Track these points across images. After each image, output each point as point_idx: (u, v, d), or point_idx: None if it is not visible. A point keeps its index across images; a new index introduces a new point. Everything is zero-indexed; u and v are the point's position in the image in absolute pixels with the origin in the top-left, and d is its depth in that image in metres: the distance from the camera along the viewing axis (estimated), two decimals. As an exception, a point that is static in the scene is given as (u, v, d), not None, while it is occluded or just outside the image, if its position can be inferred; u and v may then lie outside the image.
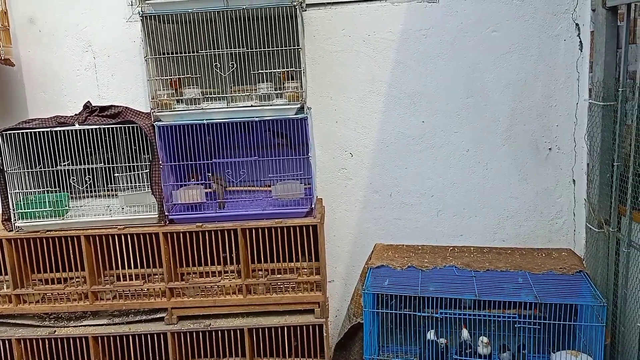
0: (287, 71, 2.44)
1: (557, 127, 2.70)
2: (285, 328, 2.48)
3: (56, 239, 2.48)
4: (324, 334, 2.49)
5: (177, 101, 2.48)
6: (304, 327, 2.48)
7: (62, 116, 2.54)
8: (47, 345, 2.51)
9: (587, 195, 2.60)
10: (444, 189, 2.79)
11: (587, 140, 2.55)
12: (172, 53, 2.45)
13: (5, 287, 2.53)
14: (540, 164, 2.74)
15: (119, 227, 2.47)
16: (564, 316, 2.27)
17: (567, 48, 2.63)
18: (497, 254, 2.64)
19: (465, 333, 2.36)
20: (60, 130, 2.46)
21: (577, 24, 2.61)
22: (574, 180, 2.73)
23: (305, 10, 2.64)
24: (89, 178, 2.58)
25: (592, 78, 2.51)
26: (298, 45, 2.40)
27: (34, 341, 2.51)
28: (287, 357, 2.54)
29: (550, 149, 2.72)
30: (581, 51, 2.62)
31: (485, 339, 2.31)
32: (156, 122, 2.43)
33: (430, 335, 2.37)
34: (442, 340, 2.38)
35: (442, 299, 2.28)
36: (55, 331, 2.51)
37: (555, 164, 2.73)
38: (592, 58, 2.51)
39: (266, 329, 2.49)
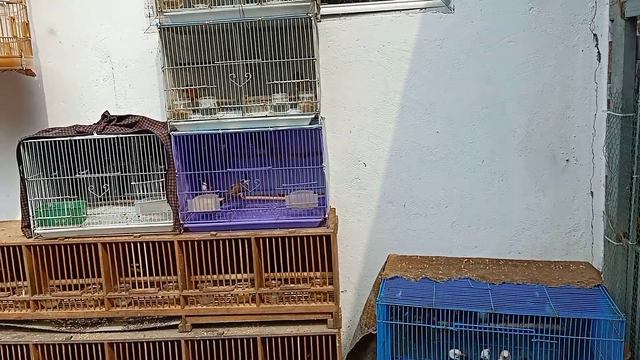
0: (302, 82, 2.45)
1: (575, 138, 2.66)
2: (298, 338, 2.48)
3: (74, 245, 2.52)
4: (337, 345, 2.48)
5: (193, 111, 2.51)
6: (317, 337, 2.48)
7: (81, 125, 2.59)
8: (63, 351, 2.55)
9: (606, 208, 2.55)
10: (459, 200, 2.77)
11: (606, 152, 2.51)
12: (188, 64, 2.49)
13: (23, 292, 2.58)
14: (557, 176, 2.70)
15: (134, 235, 2.50)
16: (581, 331, 2.22)
17: (584, 59, 2.60)
18: (513, 267, 2.61)
19: (485, 353, 2.33)
20: (79, 139, 2.51)
21: (595, 35, 2.58)
22: (592, 192, 2.69)
23: (320, 21, 2.65)
24: (107, 186, 2.62)
25: (610, 89, 2.47)
26: (313, 56, 2.41)
27: (51, 346, 2.55)
28: (299, 367, 2.54)
29: (567, 160, 2.69)
30: (599, 62, 2.59)
31: (506, 353, 2.27)
32: (172, 132, 2.46)
33: (453, 354, 2.34)
34: (457, 352, 2.35)
35: (457, 312, 2.25)
36: (71, 337, 2.54)
37: (573, 175, 2.69)
38: (610, 69, 2.48)
39: (279, 339, 2.49)
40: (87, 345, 2.54)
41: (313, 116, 2.43)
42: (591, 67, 2.60)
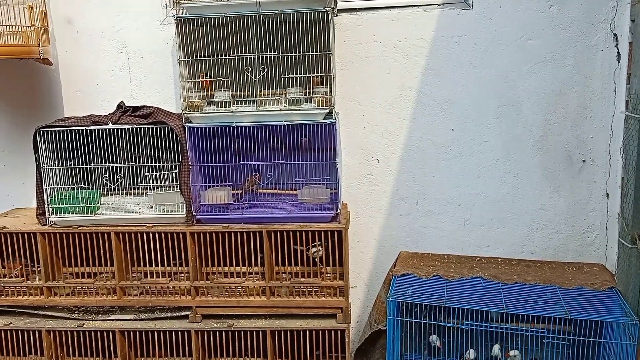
0: (317, 76, 2.44)
1: (592, 139, 2.63)
2: (307, 332, 2.49)
3: (87, 234, 2.55)
4: (346, 339, 2.49)
5: (208, 103, 2.51)
6: (326, 331, 2.48)
7: (96, 115, 2.60)
8: (75, 338, 2.58)
9: (621, 210, 2.53)
10: (472, 198, 2.75)
11: (623, 154, 2.48)
12: (204, 56, 2.49)
13: (37, 279, 2.61)
14: (573, 176, 2.67)
15: (147, 225, 2.52)
16: (593, 333, 2.21)
17: (604, 58, 2.56)
18: (526, 267, 2.59)
19: (496, 348, 2.32)
20: (94, 129, 2.52)
21: (615, 35, 2.54)
22: (607, 194, 2.66)
23: (337, 16, 2.64)
24: (121, 176, 2.64)
25: (629, 90, 2.43)
26: (329, 51, 2.40)
27: (63, 333, 2.58)
28: (308, 360, 2.55)
29: (584, 161, 2.66)
30: (619, 62, 2.55)
31: (512, 352, 2.27)
32: (187, 124, 2.47)
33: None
34: (472, 353, 2.34)
35: (468, 310, 2.25)
36: (83, 324, 2.57)
37: (589, 176, 2.66)
38: (629, 69, 2.44)
39: (288, 332, 2.50)
40: (98, 333, 2.57)
41: (327, 111, 2.42)
42: (610, 68, 2.57)
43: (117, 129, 2.53)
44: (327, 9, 2.33)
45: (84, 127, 2.51)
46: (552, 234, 2.73)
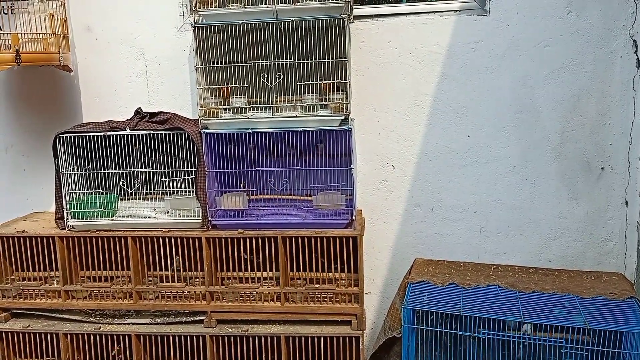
0: (333, 82, 2.45)
1: (611, 146, 2.60)
2: (322, 338, 2.48)
3: (105, 238, 2.58)
4: (360, 346, 2.48)
5: (224, 110, 2.53)
6: (340, 338, 2.48)
7: (114, 121, 2.64)
8: (92, 341, 2.61)
9: (641, 218, 2.49)
10: (488, 206, 2.73)
11: (643, 161, 2.45)
12: (221, 62, 2.51)
13: (55, 282, 2.64)
14: (591, 184, 2.64)
15: (163, 230, 2.54)
16: (612, 343, 2.17)
17: (623, 65, 2.53)
18: (543, 275, 2.56)
19: (527, 327, 2.26)
20: (112, 135, 2.56)
21: (634, 41, 2.51)
22: (626, 202, 2.62)
23: (353, 22, 2.65)
24: (138, 181, 2.66)
25: (650, 96, 2.40)
26: (345, 57, 2.41)
27: (80, 336, 2.60)
28: (322, 367, 2.54)
29: (602, 168, 2.62)
30: (638, 69, 2.52)
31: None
32: (203, 130, 2.49)
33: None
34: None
35: (485, 319, 2.22)
36: (100, 327, 2.60)
37: (608, 184, 2.62)
38: (651, 75, 2.41)
39: (302, 338, 2.50)
40: (114, 336, 2.59)
41: (343, 117, 2.43)
42: (630, 74, 2.53)
43: (134, 135, 2.56)
44: (343, 15, 2.34)
45: (102, 133, 2.54)
46: (569, 242, 2.69)
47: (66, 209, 2.58)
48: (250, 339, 2.54)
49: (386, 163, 2.79)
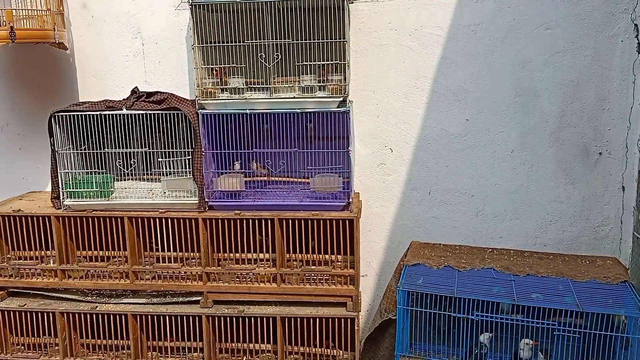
0: (331, 64, 2.43)
1: (609, 131, 2.59)
2: (317, 319, 2.50)
3: (101, 218, 2.57)
4: (356, 328, 2.50)
5: (222, 90, 2.51)
6: (336, 319, 2.49)
7: (110, 100, 2.61)
8: (88, 320, 2.62)
9: (637, 203, 2.49)
10: (485, 189, 2.73)
11: (641, 146, 2.45)
12: (218, 42, 2.48)
13: (51, 262, 2.64)
14: (589, 169, 2.64)
15: (160, 210, 2.54)
16: (605, 326, 2.19)
17: (623, 49, 2.52)
18: (538, 259, 2.57)
19: (486, 336, 2.30)
20: (108, 114, 2.53)
21: (635, 25, 2.49)
22: (623, 187, 2.62)
23: (352, 3, 2.61)
24: (134, 161, 2.65)
25: (650, 81, 2.39)
26: (344, 38, 2.38)
27: (77, 315, 2.62)
28: (317, 347, 2.56)
29: (600, 153, 2.62)
30: (638, 53, 2.50)
31: (530, 341, 2.24)
32: (200, 110, 2.47)
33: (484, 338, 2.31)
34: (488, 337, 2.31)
35: (479, 301, 2.24)
36: (96, 307, 2.61)
37: (605, 169, 2.63)
38: (651, 60, 2.39)
39: (298, 319, 2.52)
40: (111, 316, 2.60)
41: (341, 99, 2.41)
42: (630, 59, 2.52)
43: (131, 115, 2.54)
44: (343, -5, 2.31)
45: (98, 112, 2.52)
46: (565, 227, 2.70)
47: (62, 189, 2.57)
48: (247, 319, 2.56)
49: (384, 146, 2.78)
